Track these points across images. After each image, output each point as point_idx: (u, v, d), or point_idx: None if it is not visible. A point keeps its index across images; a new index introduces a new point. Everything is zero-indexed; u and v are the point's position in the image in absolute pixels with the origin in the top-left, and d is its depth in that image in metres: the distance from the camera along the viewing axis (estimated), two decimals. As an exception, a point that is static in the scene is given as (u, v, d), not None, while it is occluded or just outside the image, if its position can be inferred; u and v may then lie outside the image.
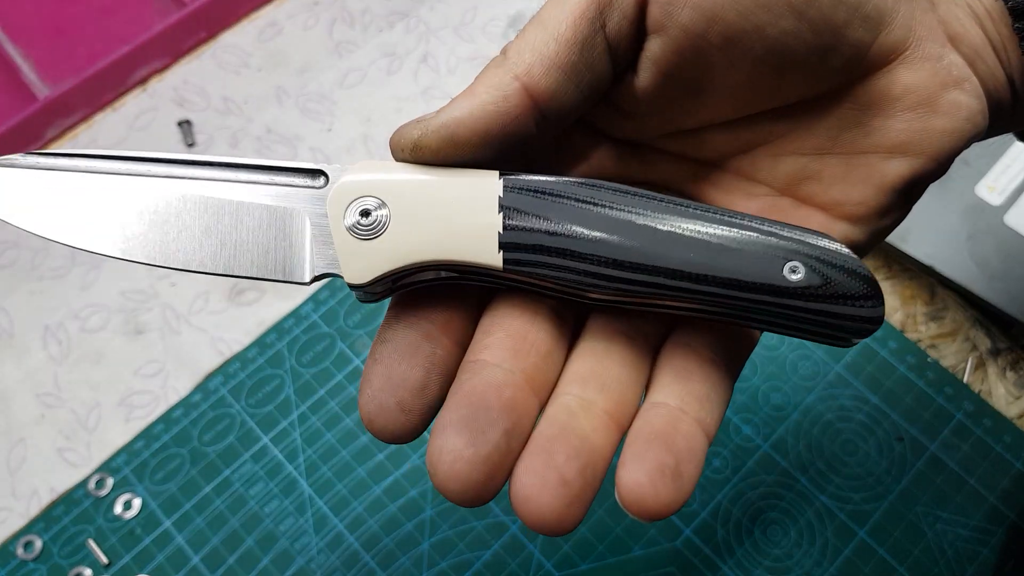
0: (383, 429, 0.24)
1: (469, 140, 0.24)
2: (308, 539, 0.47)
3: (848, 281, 0.23)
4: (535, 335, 0.25)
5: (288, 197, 0.25)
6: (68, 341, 0.53)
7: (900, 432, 0.49)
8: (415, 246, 0.23)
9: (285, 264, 0.24)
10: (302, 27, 0.64)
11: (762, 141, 0.28)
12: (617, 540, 0.47)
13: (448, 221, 0.23)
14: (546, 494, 0.22)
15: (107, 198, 0.24)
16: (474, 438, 0.22)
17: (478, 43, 0.63)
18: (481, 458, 0.22)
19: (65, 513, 0.48)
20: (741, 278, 0.22)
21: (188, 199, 0.25)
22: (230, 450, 0.49)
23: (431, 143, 0.24)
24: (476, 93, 0.24)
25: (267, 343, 0.52)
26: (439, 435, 0.22)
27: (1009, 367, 0.51)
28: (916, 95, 0.26)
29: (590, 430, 0.23)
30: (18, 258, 0.55)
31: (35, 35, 0.62)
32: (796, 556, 0.46)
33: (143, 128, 0.60)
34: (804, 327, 0.24)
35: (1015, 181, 0.53)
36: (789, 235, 0.23)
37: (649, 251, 0.23)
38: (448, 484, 0.22)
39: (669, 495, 0.22)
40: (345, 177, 0.24)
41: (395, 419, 0.24)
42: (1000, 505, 0.47)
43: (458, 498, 0.22)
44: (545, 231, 0.23)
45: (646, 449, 0.23)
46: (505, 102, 0.24)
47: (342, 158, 0.59)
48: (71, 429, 0.50)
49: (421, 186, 0.24)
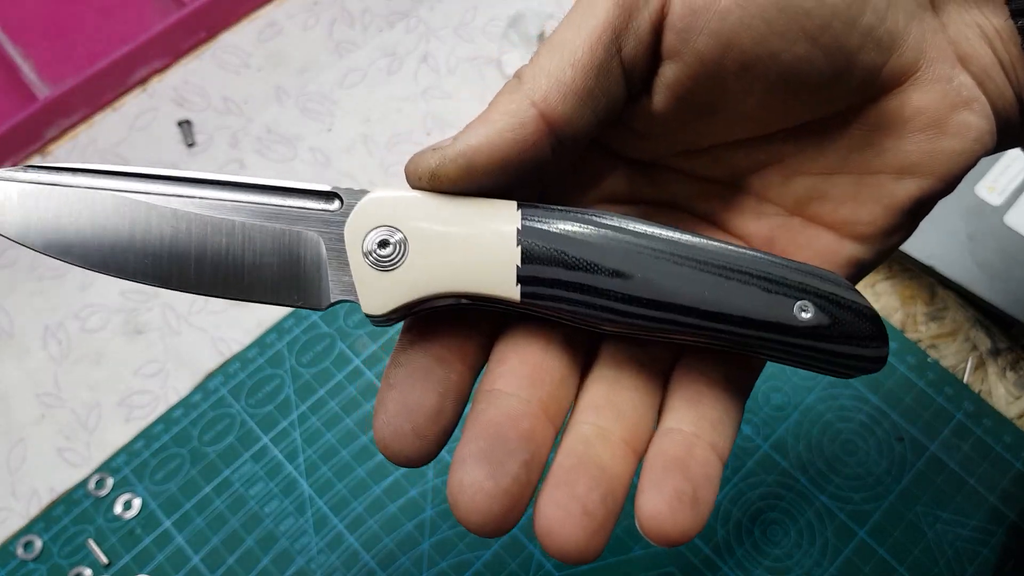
0: (398, 454, 0.24)
1: (487, 168, 0.24)
2: (308, 539, 0.47)
3: (856, 322, 0.23)
4: (549, 363, 0.25)
5: (301, 220, 0.24)
6: (68, 341, 0.53)
7: (900, 432, 0.49)
8: (433, 277, 0.23)
9: (301, 289, 0.24)
10: (302, 27, 0.64)
11: (774, 160, 0.28)
12: (617, 540, 0.47)
13: (466, 253, 0.23)
14: (569, 525, 0.22)
15: (115, 220, 0.24)
16: (494, 470, 0.22)
17: (478, 43, 0.63)
18: (502, 490, 0.22)
19: (65, 513, 0.48)
20: (752, 316, 0.23)
21: (199, 222, 0.24)
22: (230, 450, 0.49)
23: (449, 172, 0.24)
24: (492, 120, 0.24)
25: (267, 343, 0.52)
26: (459, 468, 0.22)
27: (1009, 367, 0.51)
28: (926, 116, 0.26)
29: (608, 458, 0.24)
30: (18, 258, 0.55)
31: (35, 35, 0.62)
32: (796, 556, 0.46)
33: (143, 128, 0.60)
34: (810, 363, 0.24)
35: (1015, 181, 0.53)
36: (800, 275, 0.24)
37: (663, 288, 0.23)
38: (470, 517, 0.22)
39: (688, 521, 0.22)
40: (363, 205, 0.24)
41: (410, 444, 0.24)
42: (1000, 505, 0.47)
43: (480, 530, 0.22)
44: (563, 265, 0.23)
45: (663, 477, 0.23)
46: (522, 129, 0.24)
47: (342, 158, 0.59)
48: (71, 429, 0.50)
49: (439, 217, 0.23)
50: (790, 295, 0.23)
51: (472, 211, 0.24)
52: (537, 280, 0.23)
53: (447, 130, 0.60)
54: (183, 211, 0.24)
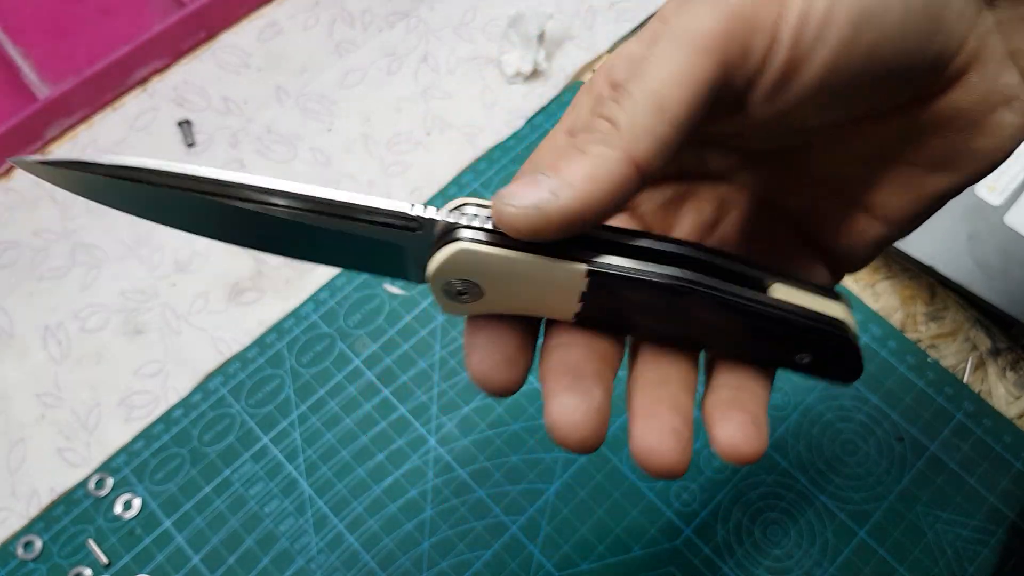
0: (495, 382, 0.27)
1: (588, 224, 0.24)
2: (308, 539, 0.47)
3: (842, 360, 0.28)
4: (598, 342, 0.28)
5: (386, 233, 0.26)
6: (68, 341, 0.53)
7: (900, 432, 0.49)
8: (504, 310, 0.27)
9: (398, 272, 0.27)
10: (302, 27, 0.64)
11: (820, 142, 0.28)
12: (617, 540, 0.47)
13: (535, 300, 0.27)
14: (665, 443, 0.26)
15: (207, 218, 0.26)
16: (583, 397, 0.26)
17: (478, 43, 0.63)
18: (594, 410, 0.26)
19: (65, 513, 0.48)
20: (764, 358, 0.28)
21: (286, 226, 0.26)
22: (230, 450, 0.49)
23: (552, 231, 0.24)
24: (595, 177, 0.24)
25: (267, 343, 0.52)
26: (554, 400, 0.26)
27: (1009, 367, 0.51)
28: (967, 117, 0.26)
29: (677, 392, 0.27)
30: (18, 258, 0.55)
31: (35, 35, 0.62)
32: (796, 556, 0.46)
33: (143, 128, 0.60)
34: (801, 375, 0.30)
35: (1015, 181, 0.53)
36: (805, 331, 0.27)
37: (698, 336, 0.28)
38: (570, 437, 0.26)
39: (758, 441, 0.26)
40: (442, 259, 0.25)
41: (505, 372, 0.27)
42: (1000, 505, 0.47)
43: (579, 446, 0.26)
44: (618, 310, 0.27)
45: (727, 412, 0.27)
46: (624, 188, 0.24)
47: (342, 158, 0.59)
48: (71, 429, 0.50)
49: (514, 274, 0.26)
50: (795, 348, 0.28)
51: (543, 271, 0.26)
52: (591, 319, 0.27)
53: (447, 130, 0.60)
54: (278, 218, 0.26)
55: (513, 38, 0.61)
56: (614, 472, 0.48)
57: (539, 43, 0.60)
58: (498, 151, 0.59)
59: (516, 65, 0.60)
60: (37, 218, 0.57)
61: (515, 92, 0.61)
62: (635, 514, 0.47)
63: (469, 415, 0.50)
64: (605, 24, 0.64)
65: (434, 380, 0.51)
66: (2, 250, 0.56)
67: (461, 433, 0.49)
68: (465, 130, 0.60)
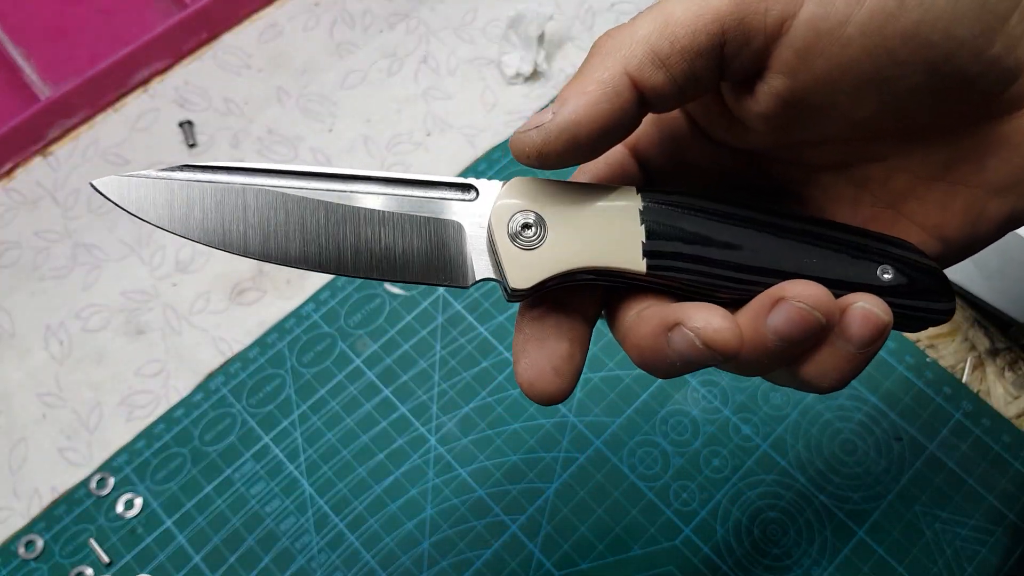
0: (542, 392, 0.27)
1: (589, 139, 0.25)
2: (309, 538, 0.47)
3: (928, 281, 0.27)
4: None
5: (445, 209, 0.27)
6: (69, 341, 0.53)
7: (899, 432, 0.49)
8: (571, 255, 0.26)
9: (447, 270, 0.27)
10: (303, 28, 0.64)
11: (878, 157, 0.28)
12: (617, 540, 0.47)
13: (597, 232, 0.26)
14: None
15: (273, 215, 0.26)
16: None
17: (478, 44, 0.63)
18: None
19: (66, 512, 0.48)
20: (844, 279, 0.27)
21: (352, 214, 0.26)
22: (231, 450, 0.49)
23: (555, 148, 0.25)
24: (588, 91, 0.24)
25: (268, 343, 0.52)
26: None
27: (1008, 367, 0.51)
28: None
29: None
30: (19, 258, 0.55)
31: (37, 36, 0.62)
32: (795, 555, 0.46)
33: (144, 129, 0.60)
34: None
35: (1013, 182, 0.53)
36: (881, 243, 0.27)
37: (769, 257, 0.27)
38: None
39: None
40: (505, 191, 0.27)
41: (552, 382, 0.27)
42: (999, 504, 0.47)
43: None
44: (681, 240, 0.26)
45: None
46: (618, 98, 0.24)
47: (343, 158, 0.59)
48: (72, 429, 0.50)
49: (573, 201, 0.26)
50: (874, 260, 0.27)
51: (600, 195, 0.27)
52: (660, 254, 0.26)
53: (447, 131, 0.60)
54: (335, 204, 0.26)
55: (513, 39, 0.61)
56: (614, 472, 0.48)
57: (539, 44, 0.61)
58: (498, 152, 0.59)
59: (516, 66, 0.61)
60: (38, 218, 0.57)
61: (515, 93, 0.61)
62: (634, 513, 0.47)
63: (469, 415, 0.50)
64: (605, 25, 0.64)
65: (434, 380, 0.51)
66: (4, 250, 0.56)
67: (461, 433, 0.50)
68: (465, 131, 0.60)
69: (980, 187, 0.27)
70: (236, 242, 0.26)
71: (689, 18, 0.24)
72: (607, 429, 0.49)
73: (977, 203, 0.27)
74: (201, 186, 0.26)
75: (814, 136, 0.27)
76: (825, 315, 0.24)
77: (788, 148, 0.28)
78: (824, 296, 0.24)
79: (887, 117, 0.26)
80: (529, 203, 0.26)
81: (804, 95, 0.25)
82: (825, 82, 0.25)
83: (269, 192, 0.26)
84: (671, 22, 0.24)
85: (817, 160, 0.29)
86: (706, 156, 0.30)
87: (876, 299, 0.25)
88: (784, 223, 0.27)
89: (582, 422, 0.50)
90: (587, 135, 0.25)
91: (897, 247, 0.27)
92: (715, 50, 0.24)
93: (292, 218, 0.26)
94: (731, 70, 0.25)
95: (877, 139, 0.27)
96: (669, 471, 0.48)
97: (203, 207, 0.26)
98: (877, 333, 0.24)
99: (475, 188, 0.27)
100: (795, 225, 0.27)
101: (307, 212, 0.26)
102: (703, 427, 0.49)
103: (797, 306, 0.24)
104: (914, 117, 0.26)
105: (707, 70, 0.25)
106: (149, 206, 0.26)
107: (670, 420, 0.50)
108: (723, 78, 0.26)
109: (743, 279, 0.26)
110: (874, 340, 0.25)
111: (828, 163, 0.29)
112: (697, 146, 0.30)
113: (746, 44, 0.24)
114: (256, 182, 0.26)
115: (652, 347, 0.25)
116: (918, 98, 0.25)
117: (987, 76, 0.24)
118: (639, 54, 0.24)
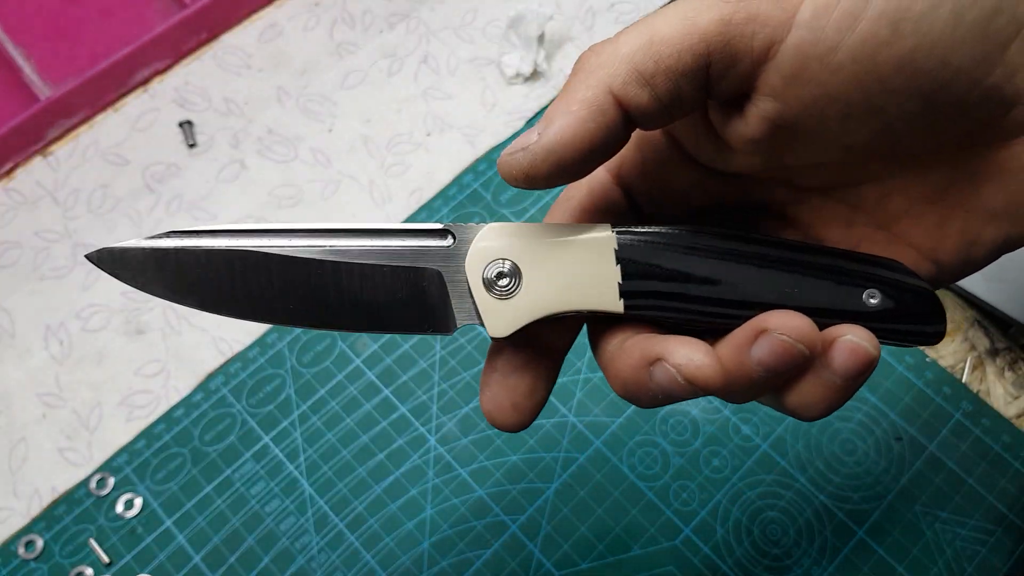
0: (502, 424, 0.28)
1: (575, 160, 0.24)
2: (309, 538, 0.47)
3: (916, 303, 0.26)
4: None
5: (422, 257, 0.27)
6: (69, 341, 0.53)
7: (899, 432, 0.49)
8: (547, 301, 0.26)
9: (429, 319, 0.27)
10: (303, 28, 0.64)
11: (871, 179, 0.28)
12: (617, 539, 0.47)
13: (574, 275, 0.26)
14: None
15: (256, 276, 0.26)
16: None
17: (478, 44, 0.63)
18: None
19: (66, 512, 0.48)
20: (829, 307, 0.26)
21: (333, 269, 0.26)
22: (231, 450, 0.49)
23: (542, 170, 0.25)
24: (573, 111, 0.24)
25: (268, 343, 0.52)
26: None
27: (1007, 367, 0.51)
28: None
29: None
30: (19, 258, 0.55)
31: (37, 36, 0.62)
32: (795, 555, 0.46)
33: (144, 129, 0.60)
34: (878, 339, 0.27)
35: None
36: (867, 266, 0.27)
37: (751, 290, 0.26)
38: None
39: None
40: (477, 243, 0.27)
41: (510, 416, 0.28)
42: (999, 504, 0.47)
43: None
44: (658, 278, 0.26)
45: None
46: (603, 117, 0.24)
47: (343, 158, 0.59)
48: (72, 429, 0.50)
49: (547, 245, 0.26)
50: (859, 284, 0.26)
51: (574, 234, 0.26)
52: (637, 294, 0.26)
53: (447, 131, 0.60)
54: (317, 260, 0.27)
55: (513, 39, 0.61)
56: (614, 472, 0.48)
57: (539, 44, 0.61)
58: (498, 152, 0.59)
59: (516, 66, 0.61)
60: (38, 218, 0.57)
61: (515, 93, 0.61)
62: (634, 513, 0.47)
63: (469, 415, 0.50)
64: (605, 26, 0.64)
65: (434, 380, 0.51)
66: (4, 250, 0.56)
67: (461, 433, 0.50)
68: (465, 131, 0.60)
69: (975, 212, 0.27)
70: (227, 307, 0.27)
71: (675, 37, 0.24)
72: (607, 429, 0.49)
73: (972, 228, 0.27)
74: (188, 253, 0.26)
75: (804, 160, 0.27)
76: (808, 347, 0.24)
77: (778, 171, 0.28)
78: (807, 327, 0.24)
79: (880, 142, 0.25)
80: (503, 250, 0.26)
81: (793, 120, 0.25)
82: (815, 108, 0.24)
83: (254, 254, 0.26)
84: (655, 40, 0.24)
85: (808, 182, 0.28)
86: (692, 180, 0.29)
87: (863, 331, 0.24)
88: (766, 252, 0.26)
89: (582, 422, 0.50)
90: (573, 155, 0.24)
91: (887, 269, 0.27)
92: (700, 71, 0.24)
93: (276, 279, 0.26)
94: (717, 91, 0.25)
95: (871, 161, 0.27)
96: (669, 471, 0.48)
97: (195, 275, 0.27)
98: (863, 366, 0.24)
99: (451, 233, 0.27)
100: (777, 254, 0.26)
101: (292, 271, 0.27)
102: (703, 427, 0.49)
103: (780, 338, 0.23)
104: (908, 143, 0.26)
105: (692, 90, 0.24)
106: (141, 277, 0.27)
107: (670, 420, 0.50)
108: (709, 97, 0.25)
109: (724, 313, 0.26)
110: (861, 373, 0.24)
111: (820, 185, 0.28)
112: (683, 170, 0.29)
113: (732, 67, 0.24)
114: (240, 244, 0.27)
115: (634, 380, 0.25)
116: (912, 125, 0.25)
117: (984, 105, 0.24)
118: (623, 72, 0.24)
